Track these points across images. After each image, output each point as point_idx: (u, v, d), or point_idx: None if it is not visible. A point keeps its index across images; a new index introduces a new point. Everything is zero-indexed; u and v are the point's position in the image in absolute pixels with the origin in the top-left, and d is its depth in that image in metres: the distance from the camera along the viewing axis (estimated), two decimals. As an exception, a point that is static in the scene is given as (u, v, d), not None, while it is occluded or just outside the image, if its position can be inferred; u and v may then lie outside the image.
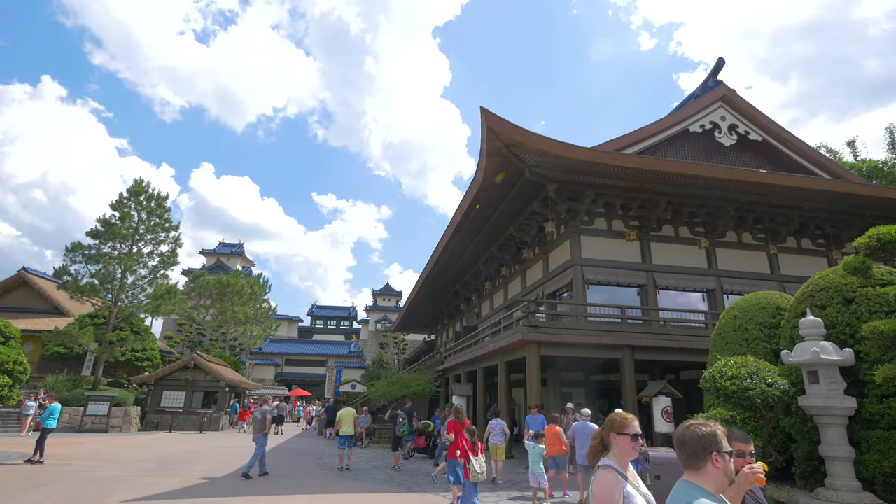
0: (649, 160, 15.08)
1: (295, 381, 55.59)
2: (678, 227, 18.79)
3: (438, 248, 23.42)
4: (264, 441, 11.42)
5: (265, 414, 11.79)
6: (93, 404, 21.69)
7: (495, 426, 11.50)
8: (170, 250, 27.23)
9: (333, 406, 26.27)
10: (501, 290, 25.29)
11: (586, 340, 13.85)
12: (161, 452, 14.65)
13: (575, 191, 16.80)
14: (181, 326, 50.63)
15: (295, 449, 17.04)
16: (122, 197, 26.25)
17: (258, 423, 11.53)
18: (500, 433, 11.41)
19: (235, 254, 68.07)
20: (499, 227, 20.59)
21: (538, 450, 9.02)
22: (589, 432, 9.26)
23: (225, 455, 14.52)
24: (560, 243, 18.58)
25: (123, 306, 25.37)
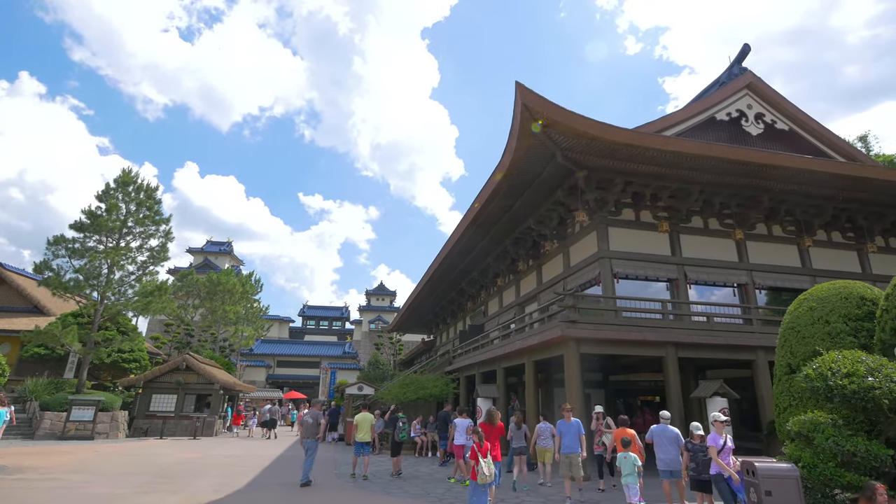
0: (692, 143, 14.06)
1: (287, 383, 53.88)
2: (707, 218, 17.84)
3: (449, 242, 22.23)
4: (315, 447, 10.79)
5: (317, 418, 11.08)
6: (77, 409, 20.06)
7: (544, 429, 10.94)
8: (160, 245, 25.68)
9: (335, 409, 24.90)
10: (512, 287, 24.17)
11: (629, 337, 12.76)
12: (157, 462, 13.22)
13: (605, 179, 15.77)
14: (168, 327, 48.71)
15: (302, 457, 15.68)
16: (108, 188, 24.65)
17: (310, 428, 10.85)
18: (549, 436, 10.82)
19: (224, 252, 66.05)
20: (516, 220, 19.46)
21: (631, 459, 8.29)
22: (670, 435, 8.89)
23: (229, 464, 13.14)
24: (584, 236, 17.52)
25: (110, 304, 23.75)
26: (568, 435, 9.35)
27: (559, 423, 12.89)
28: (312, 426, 10.90)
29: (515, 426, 11.20)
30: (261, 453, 16.12)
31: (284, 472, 11.99)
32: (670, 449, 8.78)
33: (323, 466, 13.29)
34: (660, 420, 9.31)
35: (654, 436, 8.98)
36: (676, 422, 12.19)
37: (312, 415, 11.13)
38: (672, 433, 8.97)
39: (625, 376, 20.43)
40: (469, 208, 19.14)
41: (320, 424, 11.04)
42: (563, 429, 9.40)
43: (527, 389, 14.60)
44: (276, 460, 14.22)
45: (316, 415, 11.17)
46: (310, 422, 10.95)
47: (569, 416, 9.46)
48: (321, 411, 11.76)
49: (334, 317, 72.25)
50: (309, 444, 10.77)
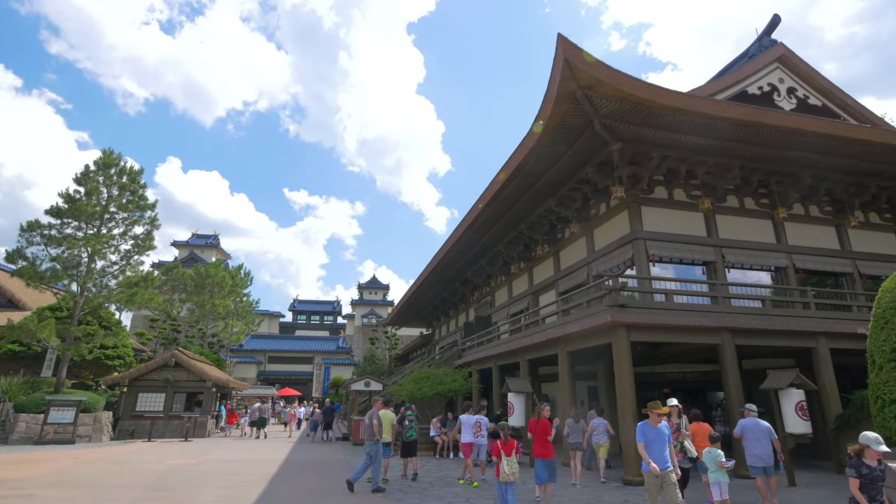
0: (746, 108, 12.76)
1: (279, 380, 52.09)
2: (743, 197, 16.65)
3: (461, 227, 20.77)
4: (378, 450, 9.85)
5: (373, 417, 10.08)
6: (56, 410, 18.26)
7: (598, 424, 10.96)
8: (145, 232, 23.77)
9: (330, 407, 23.38)
10: (525, 275, 22.82)
11: (685, 323, 11.45)
12: (148, 470, 11.62)
13: (640, 152, 14.44)
14: (153, 322, 46.53)
15: (310, 461, 14.18)
16: (88, 170, 22.68)
17: (367, 429, 10.01)
18: (604, 431, 10.87)
19: (210, 245, 63.75)
20: (536, 200, 18.06)
21: (715, 454, 7.58)
22: (763, 429, 8.34)
23: (232, 472, 11.59)
24: (612, 216, 16.21)
25: (91, 296, 21.86)
26: (657, 444, 6.53)
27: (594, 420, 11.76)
28: (369, 427, 9.98)
29: (574, 421, 10.97)
30: (264, 457, 14.58)
31: (298, 481, 10.48)
32: (764, 443, 8.18)
33: (335, 471, 11.82)
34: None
35: (746, 430, 8.42)
36: (738, 418, 10.96)
37: (370, 415, 10.18)
38: (765, 427, 8.38)
39: (650, 368, 19.18)
40: (486, 190, 17.70)
41: (393, 428, 10.24)
42: (650, 435, 6.63)
43: (561, 382, 13.25)
44: (284, 466, 12.71)
45: (372, 414, 10.12)
46: (366, 422, 10.10)
47: (657, 419, 6.74)
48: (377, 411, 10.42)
49: (326, 311, 70.45)
50: (370, 448, 9.80)
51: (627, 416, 10.25)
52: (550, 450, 8.18)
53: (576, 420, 11.00)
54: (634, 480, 9.86)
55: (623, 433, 10.33)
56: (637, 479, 9.81)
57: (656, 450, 6.43)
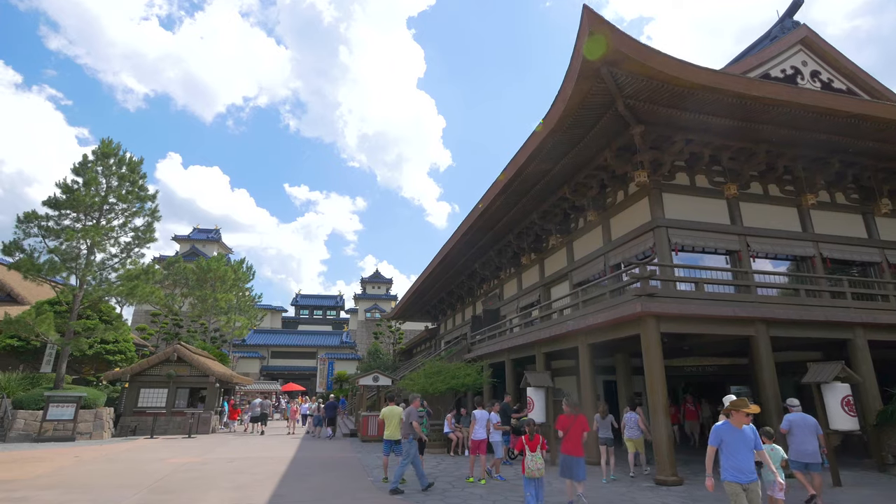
0: (780, 86, 12.07)
1: (282, 375, 51.63)
2: (767, 184, 15.98)
3: (471, 217, 20.12)
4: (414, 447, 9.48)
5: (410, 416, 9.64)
6: (55, 407, 17.72)
7: (630, 419, 10.84)
8: (145, 224, 23.21)
9: (333, 402, 22.82)
10: (535, 267, 22.19)
11: (719, 313, 10.81)
12: (150, 470, 11.05)
13: (662, 136, 13.79)
14: (155, 317, 46.09)
15: (319, 459, 13.62)
16: (86, 160, 22.07)
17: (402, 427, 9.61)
18: (635, 425, 10.73)
19: (212, 240, 63.17)
20: (550, 188, 17.41)
21: (778, 452, 7.24)
22: (811, 424, 8.12)
23: (238, 471, 11.02)
24: (631, 204, 15.56)
25: (90, 289, 21.30)
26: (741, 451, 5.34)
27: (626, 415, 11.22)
28: (405, 425, 9.59)
29: (601, 416, 10.78)
30: (271, 455, 14.02)
31: (309, 482, 9.90)
32: (812, 439, 7.90)
33: (347, 470, 11.25)
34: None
35: (794, 426, 8.12)
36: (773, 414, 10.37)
37: (406, 412, 9.80)
38: (812, 422, 8.13)
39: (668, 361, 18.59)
40: (497, 178, 17.04)
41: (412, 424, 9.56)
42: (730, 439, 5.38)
43: (582, 376, 12.66)
44: (292, 465, 12.14)
45: (409, 412, 9.68)
46: (404, 419, 9.70)
47: (743, 419, 5.38)
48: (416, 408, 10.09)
49: (328, 306, 69.92)
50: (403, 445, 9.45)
51: (659, 412, 9.64)
52: (581, 447, 7.94)
53: (602, 416, 10.80)
54: (668, 481, 9.27)
55: (655, 430, 9.73)
56: (671, 480, 9.23)
57: (740, 457, 5.29)
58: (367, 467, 11.69)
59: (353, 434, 20.25)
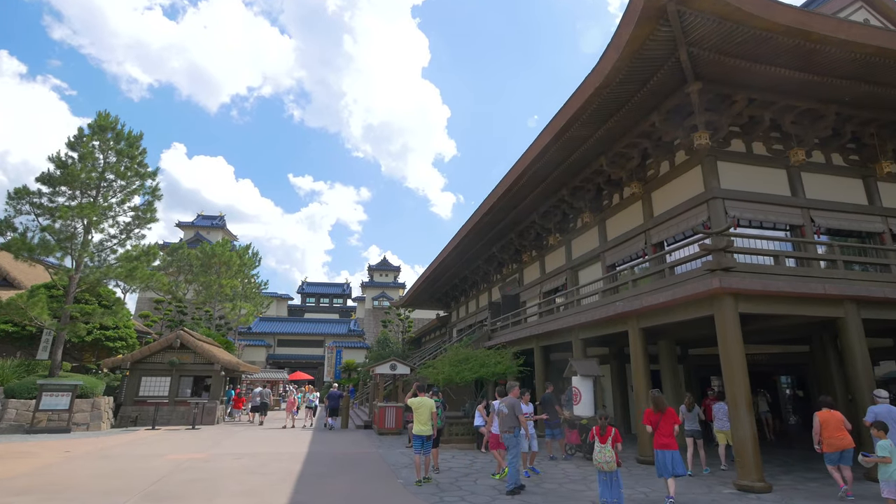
0: (880, 31, 10.44)
1: (289, 363, 50.51)
2: (830, 153, 14.40)
3: (495, 193, 18.59)
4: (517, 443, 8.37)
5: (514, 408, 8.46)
6: (48, 396, 16.47)
7: (720, 409, 10.41)
8: (146, 203, 21.81)
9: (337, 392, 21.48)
10: (561, 249, 20.72)
11: (806, 291, 9.30)
12: (148, 468, 9.73)
13: (722, 95, 12.25)
14: (158, 304, 44.90)
15: (337, 455, 12.28)
16: (81, 133, 20.65)
17: (506, 419, 8.38)
18: (725, 416, 10.06)
19: (216, 227, 61.89)
20: (586, 158, 15.86)
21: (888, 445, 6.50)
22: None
23: (248, 470, 9.68)
24: (679, 174, 14.03)
25: (87, 271, 19.96)
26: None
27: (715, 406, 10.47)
28: (509, 417, 8.42)
29: (686, 409, 10.34)
30: (282, 451, 12.69)
31: (330, 485, 8.54)
32: None
33: (374, 468, 9.88)
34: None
35: (881, 417, 7.38)
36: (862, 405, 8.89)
37: (508, 403, 8.60)
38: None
39: (708, 349, 17.15)
40: (530, 147, 15.50)
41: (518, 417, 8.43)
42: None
43: (634, 364, 11.21)
44: (308, 463, 10.79)
45: (513, 403, 8.52)
46: (505, 412, 8.53)
47: None
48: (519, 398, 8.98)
49: (335, 294, 68.70)
50: (509, 440, 8.34)
51: (741, 405, 8.21)
52: (674, 440, 7.55)
53: (689, 407, 10.31)
54: (755, 487, 7.85)
55: (737, 426, 8.27)
56: (758, 486, 7.81)
57: None
58: (392, 466, 10.32)
59: (367, 426, 18.95)
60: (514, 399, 8.64)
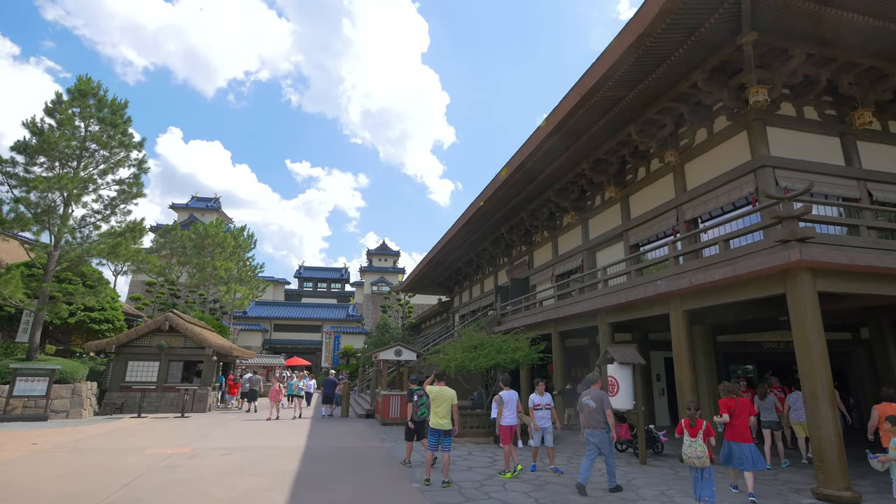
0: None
1: (286, 349, 49.29)
2: (886, 120, 13.01)
3: (512, 163, 17.11)
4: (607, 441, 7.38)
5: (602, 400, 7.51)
6: (23, 381, 15.13)
7: (796, 399, 9.78)
8: (132, 176, 20.28)
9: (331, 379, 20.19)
10: (577, 229, 19.37)
11: None
12: (120, 467, 8.41)
13: (777, 49, 10.83)
14: (150, 286, 43.49)
15: (338, 450, 11.00)
16: (59, 98, 19.02)
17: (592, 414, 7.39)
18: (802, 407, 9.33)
19: (211, 209, 60.27)
20: (613, 125, 14.40)
21: None
22: None
23: (237, 469, 8.36)
24: (721, 141, 12.65)
25: (68, 248, 18.51)
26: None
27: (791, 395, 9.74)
28: (596, 412, 7.35)
29: (760, 398, 9.88)
30: (276, 444, 11.40)
31: (334, 488, 7.23)
32: None
33: (382, 469, 8.59)
34: None
35: None
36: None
37: (595, 396, 7.44)
38: None
39: (738, 336, 15.91)
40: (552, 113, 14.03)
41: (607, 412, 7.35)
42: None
43: (677, 351, 9.92)
44: (306, 460, 9.49)
45: (600, 397, 7.44)
46: (591, 405, 7.38)
47: None
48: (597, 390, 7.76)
49: (333, 278, 67.35)
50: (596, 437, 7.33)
51: (823, 400, 6.91)
52: (749, 433, 7.00)
53: (762, 396, 9.83)
54: (842, 498, 6.58)
55: (818, 424, 6.97)
56: (845, 497, 6.55)
57: None
58: (398, 459, 9.02)
59: (369, 415, 17.70)
60: (602, 392, 7.50)
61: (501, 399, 9.11)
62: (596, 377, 7.75)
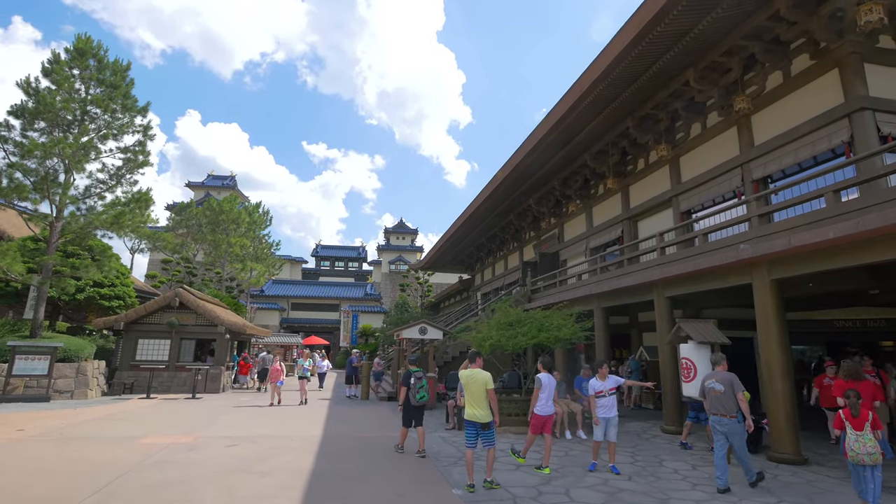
0: None
1: (303, 328, 48.59)
2: None
3: (548, 121, 15.35)
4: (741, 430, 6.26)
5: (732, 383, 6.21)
6: (22, 360, 14.17)
7: None
8: (137, 144, 19.01)
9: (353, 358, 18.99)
10: (615, 197, 17.67)
11: None
12: (105, 462, 7.19)
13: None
14: (167, 264, 42.92)
15: (360, 441, 9.69)
16: (57, 57, 17.69)
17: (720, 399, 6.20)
18: None
19: (227, 186, 59.41)
20: (666, 72, 12.53)
21: None
22: None
23: (240, 468, 7.06)
24: (802, 84, 10.78)
25: (71, 219, 17.41)
26: None
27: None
28: (725, 397, 6.17)
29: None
30: (290, 432, 10.13)
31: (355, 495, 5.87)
32: None
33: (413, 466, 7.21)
34: None
35: None
36: None
37: (723, 379, 6.24)
38: None
39: (807, 314, 14.12)
40: (601, 53, 12.19)
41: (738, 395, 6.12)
42: None
43: (765, 328, 8.28)
44: (322, 455, 8.17)
45: (731, 380, 6.21)
46: (720, 389, 6.17)
47: None
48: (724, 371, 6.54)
49: (350, 257, 66.35)
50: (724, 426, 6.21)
51: None
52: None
53: None
54: None
55: None
56: None
57: None
58: (436, 461, 7.63)
59: (391, 398, 16.45)
60: (731, 374, 6.25)
61: (540, 382, 7.61)
62: (720, 358, 6.24)
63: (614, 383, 7.38)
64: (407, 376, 8.49)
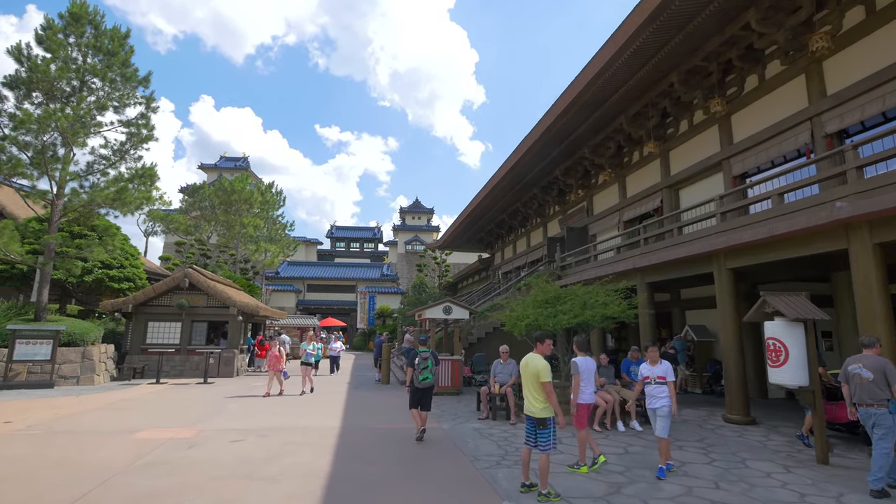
0: None
1: (319, 309, 47.96)
2: None
3: (582, 78, 13.82)
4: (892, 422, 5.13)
5: (884, 368, 5.14)
6: (23, 344, 13.37)
7: None
8: (140, 116, 17.93)
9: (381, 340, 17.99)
10: (654, 164, 16.21)
11: None
12: (90, 463, 6.21)
13: None
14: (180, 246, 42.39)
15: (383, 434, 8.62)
16: (50, 23, 16.56)
17: (871, 388, 5.19)
18: None
19: (240, 168, 58.58)
20: (725, 13, 10.93)
21: None
22: None
23: (244, 474, 6.01)
24: (886, 22, 9.10)
25: (72, 196, 16.49)
26: None
27: None
28: (876, 384, 5.17)
29: None
30: (305, 424, 9.10)
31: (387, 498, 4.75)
32: None
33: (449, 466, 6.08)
34: None
35: None
36: None
37: (873, 364, 5.22)
38: None
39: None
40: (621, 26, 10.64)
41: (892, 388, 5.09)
42: None
43: (866, 300, 6.87)
44: (341, 449, 7.11)
45: (882, 366, 5.16)
46: (868, 377, 5.20)
47: None
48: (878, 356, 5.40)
49: (366, 238, 65.42)
50: (871, 417, 5.22)
51: None
52: None
53: None
54: None
55: None
56: None
57: None
58: (474, 460, 6.48)
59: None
60: (883, 360, 5.21)
61: (576, 366, 6.35)
62: (873, 341, 4.99)
63: (664, 372, 6.10)
64: (412, 356, 8.15)
